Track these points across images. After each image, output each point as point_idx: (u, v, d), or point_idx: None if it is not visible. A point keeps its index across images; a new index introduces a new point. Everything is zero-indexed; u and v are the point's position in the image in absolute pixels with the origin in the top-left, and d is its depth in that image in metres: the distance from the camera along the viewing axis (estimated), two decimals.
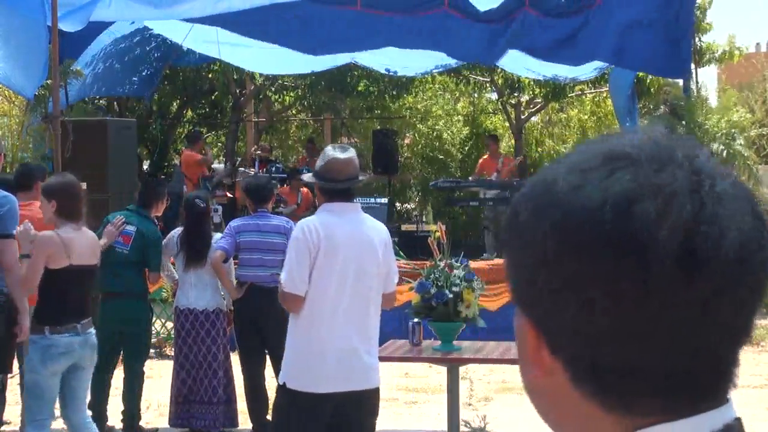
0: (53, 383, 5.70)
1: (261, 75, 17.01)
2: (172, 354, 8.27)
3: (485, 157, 15.38)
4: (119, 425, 7.52)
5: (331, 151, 4.91)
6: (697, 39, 14.73)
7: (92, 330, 5.83)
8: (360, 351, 4.78)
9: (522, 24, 10.94)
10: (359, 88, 17.32)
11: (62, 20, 9.55)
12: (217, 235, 7.69)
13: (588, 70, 13.66)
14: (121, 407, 7.46)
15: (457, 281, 6.19)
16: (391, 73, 14.64)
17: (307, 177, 5.29)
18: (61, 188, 5.87)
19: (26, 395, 5.88)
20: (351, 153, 4.94)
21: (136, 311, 7.49)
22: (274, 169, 15.42)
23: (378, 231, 4.93)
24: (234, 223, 7.74)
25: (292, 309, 4.81)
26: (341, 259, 4.73)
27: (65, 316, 5.67)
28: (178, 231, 7.67)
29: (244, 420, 7.52)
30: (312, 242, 4.70)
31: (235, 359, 7.65)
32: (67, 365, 5.70)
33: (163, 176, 18.70)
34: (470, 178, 16.00)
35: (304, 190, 14.12)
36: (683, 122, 11.62)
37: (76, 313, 5.72)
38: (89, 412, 6.14)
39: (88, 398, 6.36)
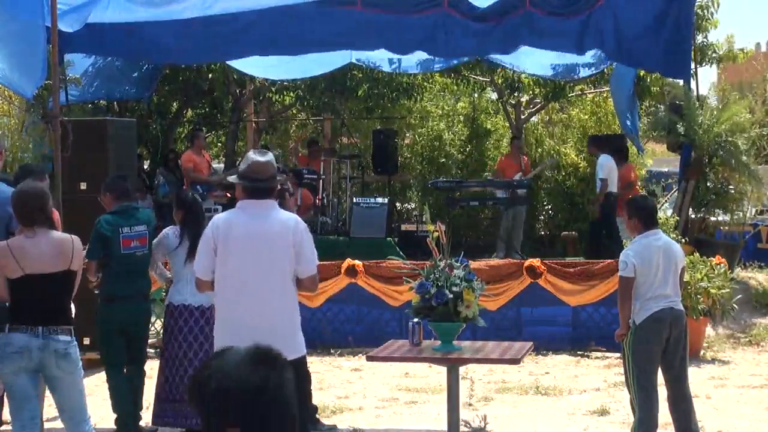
0: (19, 382, 5.62)
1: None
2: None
3: (504, 156, 15.39)
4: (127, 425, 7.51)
5: (253, 155, 5.67)
6: (701, 37, 14.68)
7: (63, 338, 5.65)
8: (270, 326, 5.32)
9: (523, 20, 10.94)
10: (359, 93, 17.32)
11: (60, 20, 9.55)
12: None
13: (588, 69, 13.69)
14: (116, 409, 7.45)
15: (457, 281, 6.18)
16: (394, 65, 14.58)
17: (231, 178, 5.94)
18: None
19: (7, 397, 5.85)
20: (269, 156, 5.70)
21: (145, 312, 7.53)
22: None
23: (284, 223, 5.57)
24: None
25: (201, 290, 5.87)
26: (239, 248, 5.49)
27: (26, 318, 5.58)
28: (171, 229, 7.58)
29: None
30: (213, 235, 5.57)
31: None
32: (26, 366, 5.59)
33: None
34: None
35: (304, 190, 14.11)
36: (683, 122, 11.60)
37: (41, 318, 5.59)
38: (93, 422, 6.09)
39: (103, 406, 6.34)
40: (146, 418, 7.84)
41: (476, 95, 19.21)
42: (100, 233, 7.24)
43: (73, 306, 5.93)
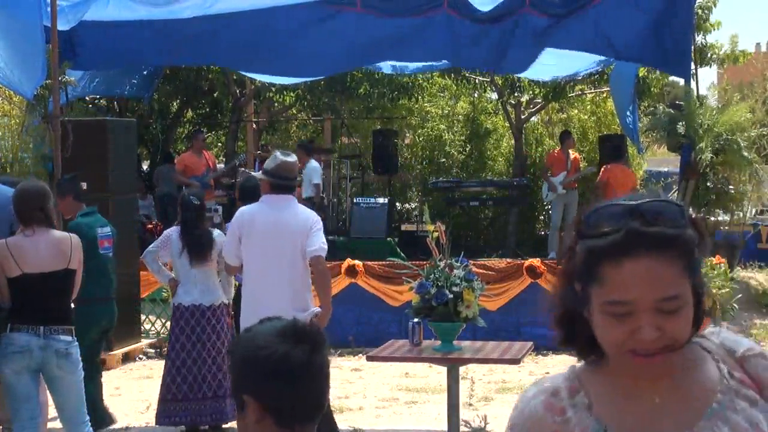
0: (21, 382, 5.63)
1: None
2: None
3: (555, 151, 15.38)
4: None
5: (282, 156, 6.46)
6: (701, 38, 14.68)
7: (64, 338, 5.68)
8: (284, 306, 5.80)
9: (522, 28, 10.91)
10: (360, 92, 17.32)
11: (58, 17, 9.53)
12: (215, 232, 7.68)
13: (587, 63, 13.63)
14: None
15: (457, 281, 6.18)
16: (396, 70, 14.56)
17: (258, 175, 6.73)
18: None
19: (7, 397, 5.85)
20: (294, 157, 6.59)
21: (115, 313, 7.62)
22: None
23: (300, 215, 6.40)
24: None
25: (231, 273, 7.11)
26: (263, 236, 6.30)
27: (26, 318, 5.60)
28: (174, 230, 7.57)
29: None
30: (239, 225, 6.43)
31: None
32: (28, 365, 5.61)
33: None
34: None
35: (299, 190, 14.12)
36: (683, 122, 11.59)
37: (41, 318, 5.62)
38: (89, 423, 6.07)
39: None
40: (146, 417, 7.85)
41: (476, 95, 19.21)
42: (85, 235, 7.13)
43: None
